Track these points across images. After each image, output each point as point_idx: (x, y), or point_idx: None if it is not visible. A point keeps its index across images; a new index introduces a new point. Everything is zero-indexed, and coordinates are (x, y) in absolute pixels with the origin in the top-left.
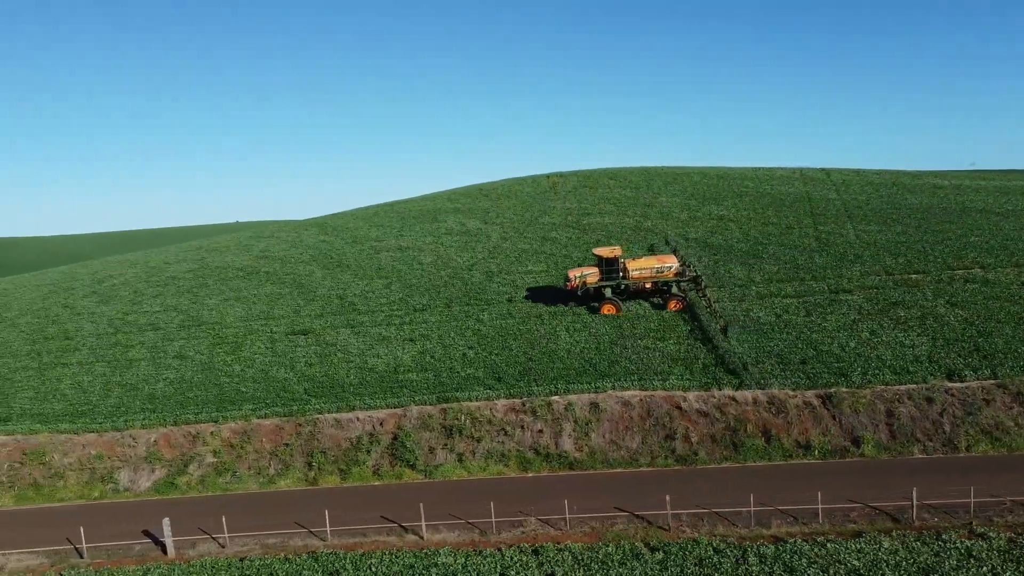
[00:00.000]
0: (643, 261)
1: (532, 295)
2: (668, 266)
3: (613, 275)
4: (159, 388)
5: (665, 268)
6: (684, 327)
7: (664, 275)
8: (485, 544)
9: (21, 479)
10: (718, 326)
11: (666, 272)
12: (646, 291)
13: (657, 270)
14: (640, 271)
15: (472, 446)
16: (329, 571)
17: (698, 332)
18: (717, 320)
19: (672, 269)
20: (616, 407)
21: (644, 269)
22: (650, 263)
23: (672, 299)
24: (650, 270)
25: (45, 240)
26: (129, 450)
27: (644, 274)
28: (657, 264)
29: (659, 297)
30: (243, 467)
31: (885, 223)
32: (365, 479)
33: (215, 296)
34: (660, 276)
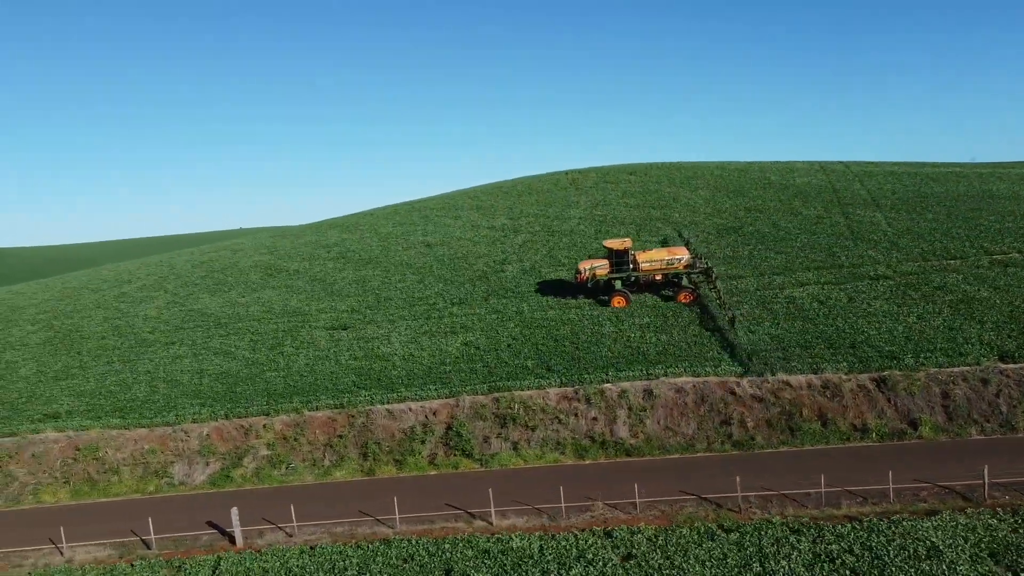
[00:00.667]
0: (653, 253)
1: (564, 289)
2: (679, 258)
3: (623, 267)
4: (205, 384)
5: (676, 260)
6: (697, 317)
7: (675, 267)
8: (555, 529)
9: (75, 475)
10: (726, 317)
11: (676, 264)
12: (656, 283)
13: (667, 262)
14: (650, 263)
15: (527, 435)
16: (403, 557)
17: (709, 323)
18: (726, 312)
19: (683, 261)
20: (669, 394)
21: (654, 261)
22: (660, 255)
23: (682, 291)
24: (660, 262)
25: (32, 251)
26: (182, 444)
27: (654, 266)
28: (668, 256)
29: (669, 289)
30: (297, 459)
31: (914, 211)
32: (421, 469)
33: (246, 295)
34: (670, 268)
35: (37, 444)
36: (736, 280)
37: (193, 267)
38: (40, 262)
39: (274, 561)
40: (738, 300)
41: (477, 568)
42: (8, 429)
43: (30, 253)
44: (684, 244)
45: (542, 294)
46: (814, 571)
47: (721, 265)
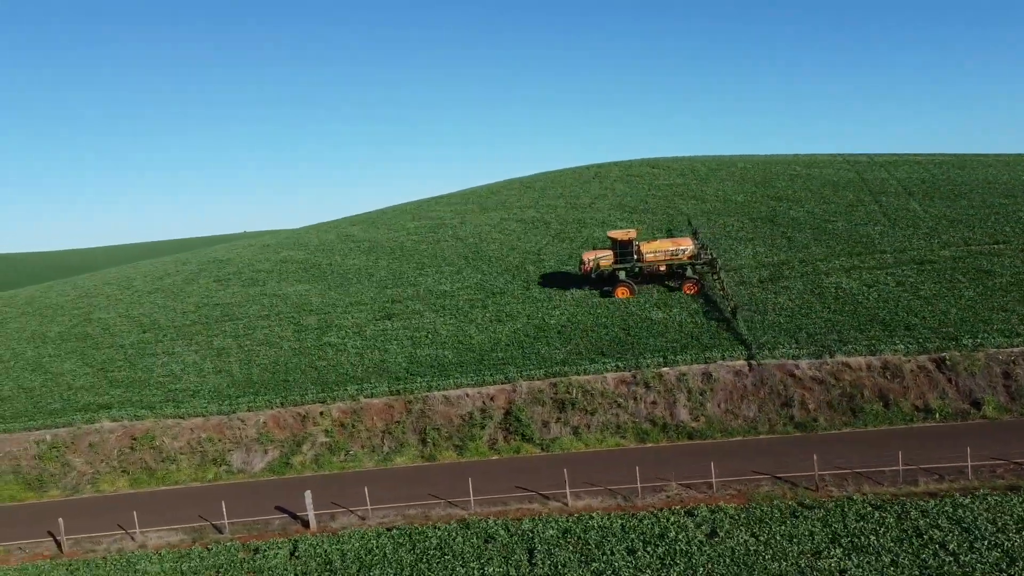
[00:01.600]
0: (657, 244)
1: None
2: (683, 249)
3: (627, 258)
4: (254, 373)
5: (680, 251)
6: (702, 308)
7: (679, 258)
8: (631, 509)
9: (133, 463)
10: (729, 307)
11: (681, 255)
12: (660, 274)
13: (672, 253)
14: (654, 254)
15: (586, 419)
16: (483, 537)
17: (715, 313)
18: (728, 302)
19: (687, 252)
20: (728, 377)
21: (658, 252)
22: (664, 246)
23: (687, 282)
24: (664, 253)
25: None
26: (239, 432)
27: (658, 257)
28: (672, 247)
29: (674, 280)
30: (356, 445)
31: (947, 199)
32: (482, 454)
33: (282, 288)
34: (675, 259)
35: (92, 434)
36: (781, 267)
37: (220, 263)
38: (40, 267)
39: (353, 542)
40: (785, 287)
41: (562, 547)
42: (62, 420)
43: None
44: (692, 234)
45: (560, 287)
46: (903, 546)
47: (763, 253)
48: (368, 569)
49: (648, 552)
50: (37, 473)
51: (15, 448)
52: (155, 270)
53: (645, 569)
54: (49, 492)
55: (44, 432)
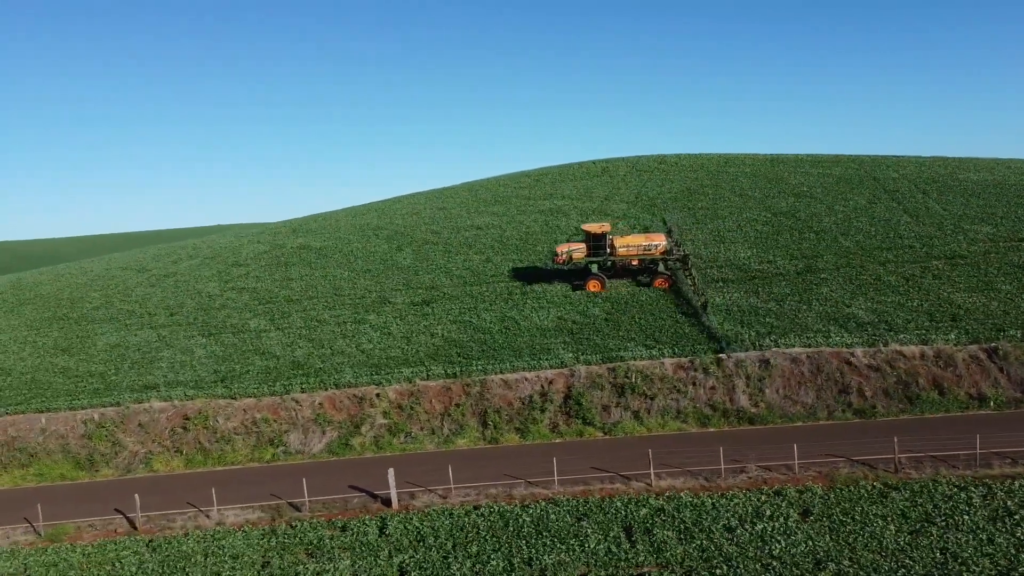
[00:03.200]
0: (631, 238)
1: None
2: (655, 244)
3: (600, 251)
4: (299, 355)
5: (653, 246)
6: (673, 302)
7: (651, 253)
8: (715, 489)
9: (186, 444)
10: (699, 303)
11: (653, 250)
12: (633, 268)
13: (644, 248)
14: (627, 248)
15: (647, 403)
16: (576, 515)
17: (685, 306)
18: (699, 297)
19: (659, 247)
20: (785, 363)
21: (631, 246)
22: (638, 240)
23: (658, 277)
24: (637, 247)
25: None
26: (294, 413)
27: (631, 251)
28: (645, 242)
29: (645, 275)
30: (415, 427)
31: (964, 196)
32: (545, 436)
33: (308, 274)
34: (647, 254)
35: (142, 413)
36: (814, 259)
37: (233, 250)
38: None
39: (442, 520)
40: (825, 278)
41: (660, 525)
42: (108, 399)
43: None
44: (667, 231)
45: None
46: (996, 525)
47: (793, 247)
48: (465, 546)
49: (746, 530)
50: (88, 452)
51: (62, 427)
52: (166, 256)
53: (746, 546)
54: (102, 472)
55: (91, 411)
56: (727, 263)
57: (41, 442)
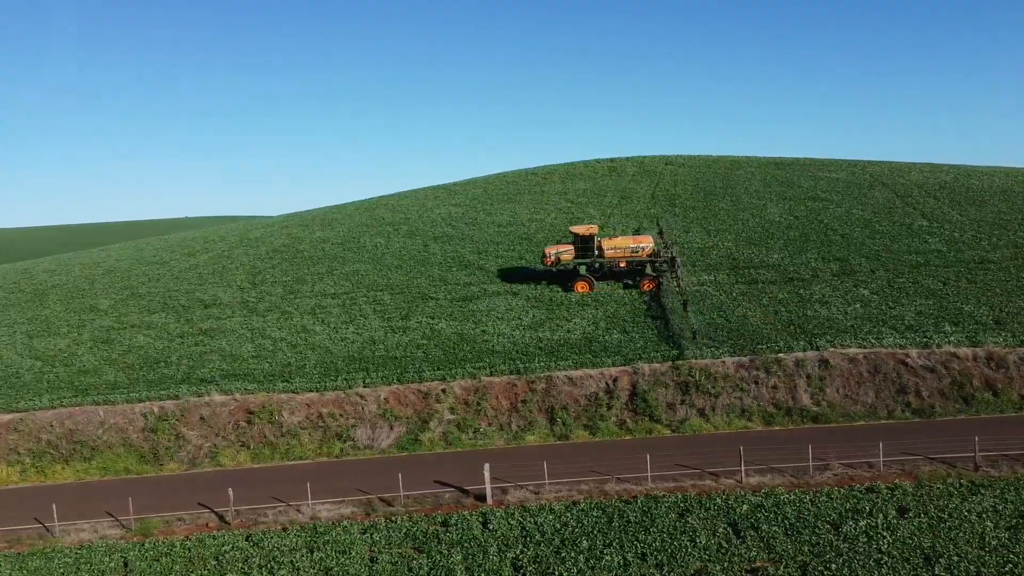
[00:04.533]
0: (618, 240)
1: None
2: (643, 246)
3: (588, 253)
4: (353, 350)
5: (640, 248)
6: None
7: (639, 255)
8: (805, 486)
9: (252, 438)
10: (680, 301)
11: (641, 252)
12: (621, 270)
13: (632, 250)
14: (615, 250)
15: (711, 402)
16: (678, 511)
17: (657, 309)
18: (681, 296)
19: (646, 249)
20: (843, 363)
21: (619, 248)
22: (625, 243)
23: (645, 279)
24: (625, 249)
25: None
26: (360, 408)
27: (619, 253)
28: (632, 244)
29: (632, 277)
30: (482, 423)
31: (973, 203)
32: (614, 434)
33: (339, 269)
34: (635, 256)
35: (203, 407)
36: (846, 261)
37: (250, 242)
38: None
39: (544, 515)
40: (863, 280)
41: (764, 521)
42: (165, 392)
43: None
44: (658, 233)
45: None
46: None
47: (828, 249)
48: (574, 542)
49: (851, 526)
50: (151, 446)
51: (120, 420)
52: (178, 248)
53: (854, 541)
54: (167, 466)
55: (150, 404)
56: (761, 264)
57: (100, 435)
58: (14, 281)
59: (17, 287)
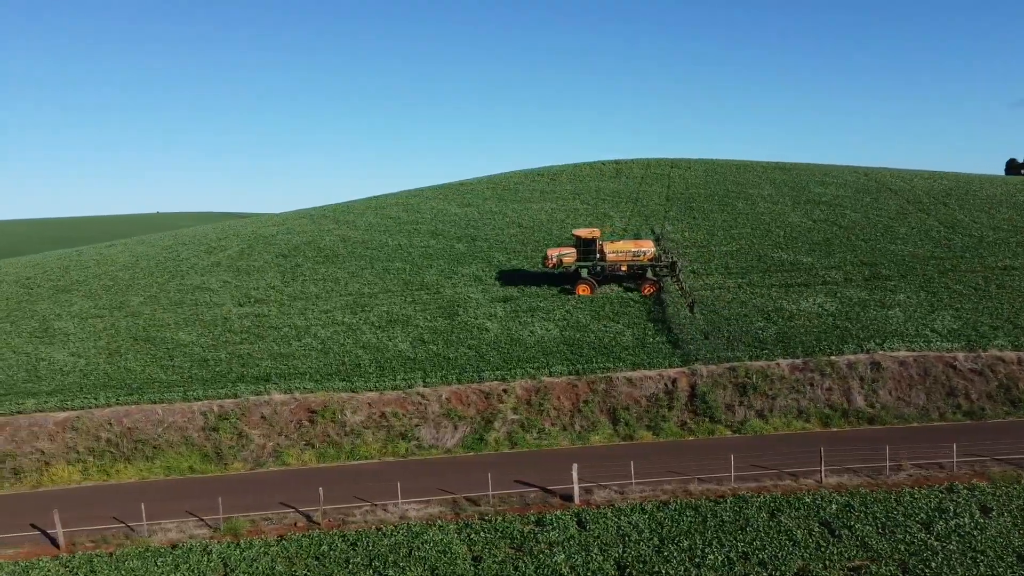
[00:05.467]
0: (620, 244)
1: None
2: (644, 250)
3: (590, 256)
4: (404, 348)
5: (641, 252)
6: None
7: (640, 259)
8: (883, 485)
9: (315, 437)
10: (686, 303)
11: (642, 256)
12: (621, 274)
13: (634, 254)
14: (616, 254)
15: (769, 403)
16: (769, 510)
17: (659, 312)
18: (687, 298)
19: (647, 254)
20: (894, 366)
21: (621, 252)
22: (627, 247)
23: (646, 283)
24: (627, 253)
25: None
26: (422, 408)
27: (620, 257)
28: (634, 248)
29: (633, 281)
30: (546, 423)
31: (983, 209)
32: (676, 434)
33: (369, 268)
34: (636, 260)
35: (263, 406)
36: (875, 266)
37: (265, 239)
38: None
39: (636, 515)
40: (897, 285)
41: (856, 520)
42: (223, 391)
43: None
44: (655, 238)
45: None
46: None
47: (862, 251)
48: (673, 541)
49: (942, 526)
50: (213, 445)
51: (179, 419)
52: (193, 245)
53: (946, 540)
54: (232, 465)
55: (209, 403)
56: (793, 267)
57: (160, 434)
58: (28, 276)
59: (33, 282)
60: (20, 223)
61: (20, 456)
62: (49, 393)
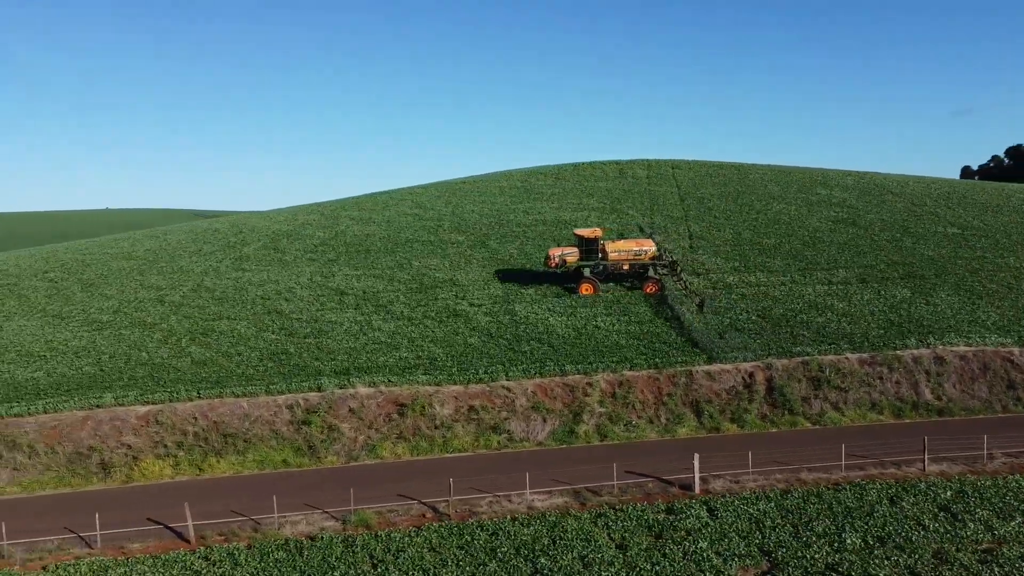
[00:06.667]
0: (621, 244)
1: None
2: (645, 249)
3: (592, 255)
4: (475, 343)
5: (643, 251)
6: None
7: (641, 258)
8: (984, 473)
9: (405, 430)
10: (694, 303)
11: (643, 255)
12: (623, 273)
13: (635, 253)
14: (618, 253)
15: (842, 396)
16: (888, 496)
17: (666, 312)
18: (693, 298)
19: (648, 253)
20: (955, 360)
21: (622, 251)
22: (628, 246)
23: (648, 282)
24: (628, 252)
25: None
26: (509, 401)
27: (622, 256)
28: (635, 247)
29: (634, 280)
30: (632, 416)
31: (986, 212)
32: (759, 426)
33: (407, 263)
34: (637, 259)
35: (350, 399)
36: (907, 266)
37: (282, 236)
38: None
39: (763, 503)
40: (936, 284)
41: (976, 505)
42: (306, 384)
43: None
44: (648, 236)
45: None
46: None
47: (891, 250)
48: (806, 526)
49: None
50: (304, 439)
51: (265, 413)
52: (213, 239)
53: None
54: (326, 459)
55: (293, 396)
56: (830, 265)
57: (248, 428)
58: (44, 270)
59: (66, 271)
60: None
61: (106, 451)
62: (123, 387)
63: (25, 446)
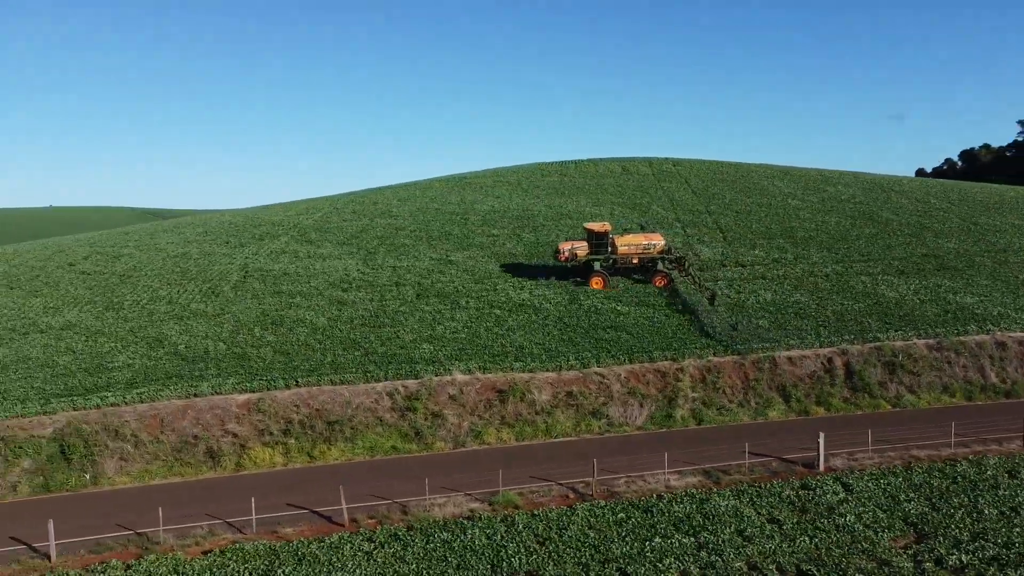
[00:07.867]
0: (631, 237)
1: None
2: (654, 243)
3: (602, 249)
4: (552, 331)
5: (651, 245)
6: (665, 301)
7: (650, 252)
8: None
9: (507, 415)
10: (705, 296)
11: (652, 249)
12: (633, 266)
13: (644, 247)
14: (628, 247)
15: (915, 380)
16: (1006, 470)
17: (678, 304)
18: (703, 292)
19: (657, 247)
20: (1015, 345)
21: (632, 245)
22: (638, 240)
23: (657, 275)
24: (637, 246)
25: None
26: (604, 387)
27: (631, 250)
28: (644, 241)
29: (643, 273)
30: (724, 400)
31: (988, 211)
32: (843, 409)
33: (446, 256)
34: (647, 253)
35: (448, 385)
36: (937, 258)
37: (310, 231)
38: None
39: (890, 478)
40: (972, 276)
41: None
42: (403, 370)
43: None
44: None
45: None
46: None
47: (914, 244)
48: (941, 498)
49: None
50: (410, 425)
51: (366, 400)
52: (243, 232)
53: None
54: (434, 445)
55: (392, 383)
56: (864, 258)
57: (352, 415)
58: (70, 262)
59: (85, 268)
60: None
61: (211, 440)
62: (216, 375)
63: (129, 435)
